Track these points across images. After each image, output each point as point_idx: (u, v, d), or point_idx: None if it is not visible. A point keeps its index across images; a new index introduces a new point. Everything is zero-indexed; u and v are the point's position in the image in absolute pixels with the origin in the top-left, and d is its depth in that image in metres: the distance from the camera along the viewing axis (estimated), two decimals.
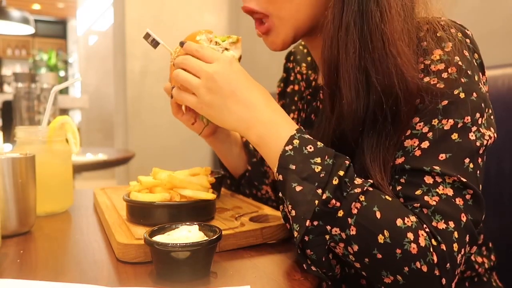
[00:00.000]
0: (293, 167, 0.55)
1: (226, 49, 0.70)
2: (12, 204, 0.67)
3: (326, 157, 0.55)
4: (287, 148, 0.57)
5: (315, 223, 0.53)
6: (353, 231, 0.52)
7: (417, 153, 0.57)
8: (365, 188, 0.54)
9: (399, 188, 0.57)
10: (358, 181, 0.55)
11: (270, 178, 0.91)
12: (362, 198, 0.53)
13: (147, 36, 0.73)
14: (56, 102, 1.80)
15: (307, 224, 0.52)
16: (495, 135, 0.60)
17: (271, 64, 1.78)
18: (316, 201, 0.52)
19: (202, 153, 2.86)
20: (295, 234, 0.54)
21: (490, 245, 0.78)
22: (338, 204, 0.52)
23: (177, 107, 0.76)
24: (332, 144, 0.63)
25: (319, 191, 0.53)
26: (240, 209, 0.75)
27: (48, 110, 0.87)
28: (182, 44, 0.68)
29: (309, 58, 0.88)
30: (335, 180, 0.53)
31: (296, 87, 0.89)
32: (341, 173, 0.53)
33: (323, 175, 0.53)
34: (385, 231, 0.51)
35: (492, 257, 0.77)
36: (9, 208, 0.67)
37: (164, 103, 2.83)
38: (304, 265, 0.55)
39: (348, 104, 0.59)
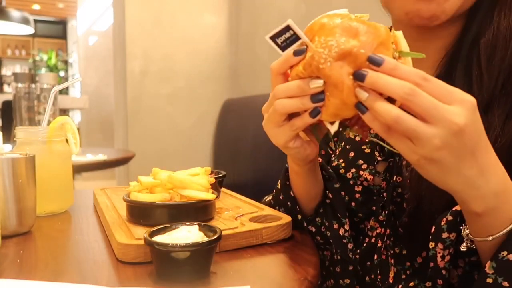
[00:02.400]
0: None
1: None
2: (12, 204, 0.67)
3: None
4: None
5: None
6: None
7: None
8: None
9: None
10: None
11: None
12: None
13: (284, 30, 0.47)
14: (56, 102, 1.80)
15: None
16: None
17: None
18: None
19: (202, 154, 2.86)
20: None
21: None
22: None
23: (295, 135, 0.56)
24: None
25: None
26: (240, 209, 0.75)
27: (48, 110, 0.87)
28: (376, 62, 0.45)
29: None
30: None
31: None
32: None
33: None
34: None
35: None
36: (9, 208, 0.67)
37: (164, 103, 2.84)
38: None
39: None
